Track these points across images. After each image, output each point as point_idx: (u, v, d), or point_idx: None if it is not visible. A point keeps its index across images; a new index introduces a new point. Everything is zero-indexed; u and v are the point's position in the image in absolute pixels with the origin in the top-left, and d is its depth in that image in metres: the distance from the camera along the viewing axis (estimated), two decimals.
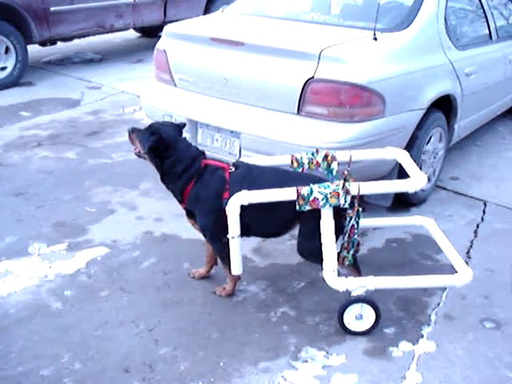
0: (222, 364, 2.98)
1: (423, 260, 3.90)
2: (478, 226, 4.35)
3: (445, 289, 3.58)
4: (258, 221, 3.28)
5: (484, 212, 4.57)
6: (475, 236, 4.22)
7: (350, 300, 3.12)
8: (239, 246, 3.15)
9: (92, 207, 4.57)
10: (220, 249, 3.35)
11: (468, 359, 3.04)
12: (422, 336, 3.20)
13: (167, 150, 3.27)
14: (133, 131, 3.40)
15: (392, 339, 3.17)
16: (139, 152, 3.39)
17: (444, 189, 4.94)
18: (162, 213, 4.43)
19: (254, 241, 4.00)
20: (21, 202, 4.64)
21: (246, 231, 3.22)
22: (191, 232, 3.57)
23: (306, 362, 3.01)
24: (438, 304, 3.47)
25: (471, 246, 4.08)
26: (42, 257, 3.89)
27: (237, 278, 3.49)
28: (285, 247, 3.99)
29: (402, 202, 4.46)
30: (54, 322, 3.28)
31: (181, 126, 3.47)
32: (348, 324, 3.16)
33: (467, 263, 3.85)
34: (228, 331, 3.22)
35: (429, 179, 4.63)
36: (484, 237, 4.21)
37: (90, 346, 3.09)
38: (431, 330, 3.25)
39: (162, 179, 3.39)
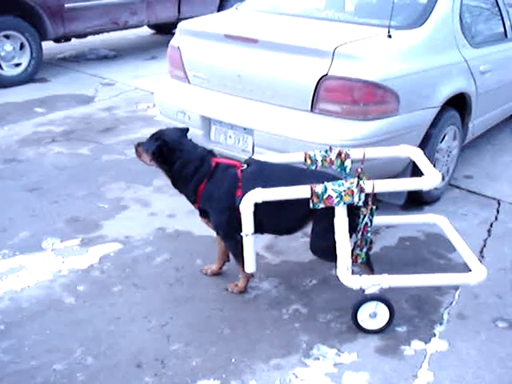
0: (233, 360, 2.99)
1: (436, 259, 3.88)
2: (491, 225, 4.32)
3: (457, 288, 3.56)
4: (271, 218, 3.27)
5: (498, 211, 4.54)
6: (489, 235, 4.20)
7: (364, 298, 3.11)
8: (253, 244, 3.16)
9: (105, 203, 4.59)
10: (233, 246, 3.35)
11: (480, 359, 3.03)
12: (435, 335, 3.19)
13: (173, 153, 3.28)
14: (139, 145, 3.40)
15: (404, 338, 3.16)
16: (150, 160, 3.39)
17: (458, 187, 4.92)
18: (174, 209, 4.44)
19: (267, 238, 4.00)
20: (35, 197, 4.67)
21: (259, 228, 3.22)
22: (204, 228, 3.57)
23: (318, 359, 3.00)
24: (451, 303, 3.45)
25: (485, 245, 4.05)
26: (56, 252, 3.91)
27: (249, 275, 3.49)
28: (297, 244, 3.99)
29: (416, 201, 4.44)
30: (67, 316, 3.30)
31: (185, 130, 3.48)
32: (362, 322, 3.16)
33: (481, 262, 3.82)
34: (240, 328, 3.23)
35: (443, 178, 4.60)
36: (498, 236, 4.18)
37: (103, 340, 3.11)
38: (443, 328, 3.24)
39: (174, 184, 3.40)
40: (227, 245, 3.46)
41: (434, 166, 4.40)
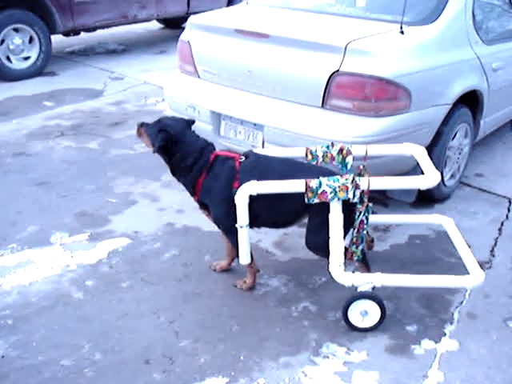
0: (242, 358, 2.97)
1: (447, 257, 3.85)
2: (502, 224, 4.28)
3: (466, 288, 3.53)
4: (267, 210, 3.26)
5: (509, 210, 4.50)
6: (500, 234, 4.15)
7: (355, 296, 3.09)
8: (247, 236, 3.17)
9: (114, 198, 4.58)
10: (234, 239, 3.31)
11: (491, 359, 3.00)
12: (445, 334, 3.16)
13: (176, 145, 3.28)
14: (142, 125, 3.38)
15: (414, 337, 3.13)
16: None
17: (468, 185, 4.87)
18: (183, 204, 4.42)
19: (276, 234, 3.98)
20: (43, 191, 4.66)
21: (254, 221, 3.22)
22: (212, 224, 3.54)
23: (327, 357, 2.98)
24: (461, 302, 3.42)
25: (495, 244, 4.01)
26: (64, 246, 3.91)
27: (255, 271, 3.48)
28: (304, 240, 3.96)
29: (426, 199, 4.41)
30: (75, 311, 3.29)
31: (190, 122, 3.46)
32: (353, 320, 3.14)
33: (491, 261, 3.80)
34: (248, 325, 3.21)
35: (453, 175, 4.58)
36: (509, 235, 4.14)
37: (111, 336, 3.10)
38: (454, 328, 3.21)
39: (173, 173, 3.40)
40: (228, 238, 3.44)
41: (445, 163, 4.38)
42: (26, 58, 7.78)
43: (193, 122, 3.50)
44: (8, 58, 7.59)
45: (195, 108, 4.42)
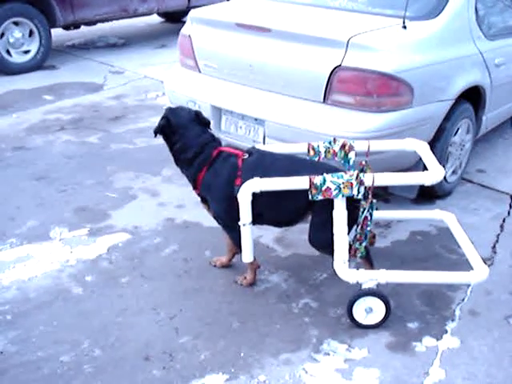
0: (242, 354, 2.95)
1: (448, 254, 3.83)
2: (504, 221, 4.26)
3: (470, 284, 3.51)
4: (270, 209, 3.24)
5: (510, 206, 4.47)
6: (501, 230, 4.13)
7: (360, 293, 3.07)
8: (251, 234, 3.15)
9: (114, 192, 4.56)
10: (233, 236, 3.31)
11: (492, 356, 2.98)
12: (446, 331, 3.14)
13: (175, 135, 3.29)
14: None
15: (416, 334, 3.11)
16: None
17: (470, 181, 4.85)
18: (183, 200, 4.40)
19: (277, 230, 3.96)
20: (43, 186, 4.64)
21: (258, 219, 3.19)
22: (213, 220, 3.53)
23: (328, 354, 2.97)
24: (463, 299, 3.40)
25: (497, 241, 3.99)
26: (64, 241, 3.89)
27: (256, 267, 3.46)
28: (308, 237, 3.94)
29: (427, 194, 4.39)
30: (75, 307, 3.28)
31: (198, 114, 3.42)
32: (358, 317, 3.12)
33: (493, 258, 3.78)
34: (249, 321, 3.19)
35: (455, 172, 4.56)
36: (510, 231, 4.12)
37: (110, 332, 3.08)
38: (455, 325, 3.20)
39: (176, 163, 3.41)
40: (228, 234, 3.43)
41: (447, 159, 4.36)
42: (26, 52, 7.75)
43: (199, 113, 3.45)
44: (8, 52, 7.56)
45: (196, 102, 4.39)
